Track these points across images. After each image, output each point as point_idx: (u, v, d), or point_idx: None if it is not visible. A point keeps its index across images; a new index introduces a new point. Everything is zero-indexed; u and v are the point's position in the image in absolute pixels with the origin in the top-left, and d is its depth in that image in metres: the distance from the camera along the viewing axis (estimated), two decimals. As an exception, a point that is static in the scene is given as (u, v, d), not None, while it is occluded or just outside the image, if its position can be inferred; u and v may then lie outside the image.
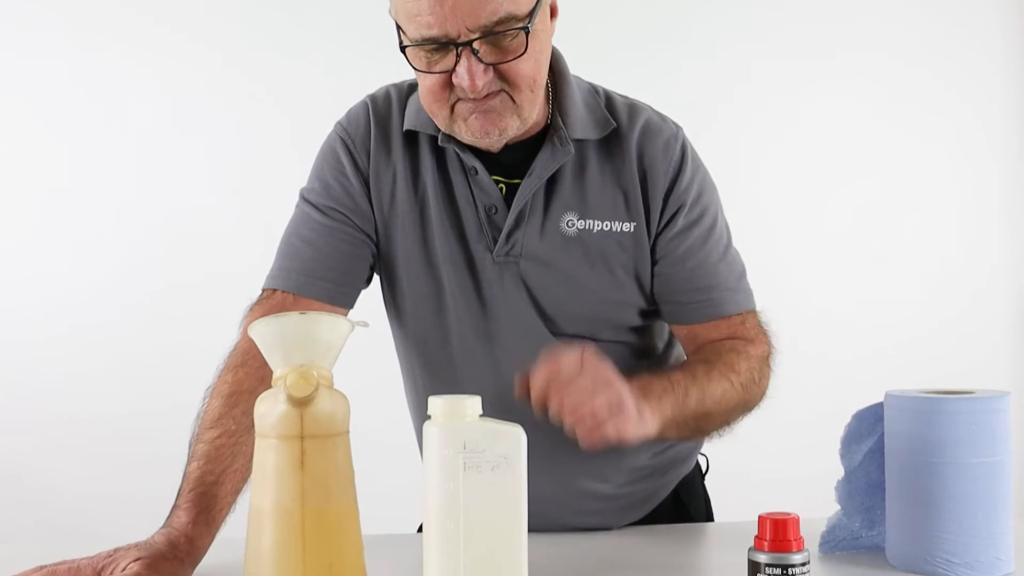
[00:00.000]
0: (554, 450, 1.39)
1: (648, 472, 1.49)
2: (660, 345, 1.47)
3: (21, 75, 3.06)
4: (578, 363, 1.08)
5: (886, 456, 1.23)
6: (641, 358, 1.46)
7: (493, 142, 1.31)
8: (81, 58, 3.08)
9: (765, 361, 1.35)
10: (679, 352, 1.49)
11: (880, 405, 1.25)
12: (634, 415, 1.11)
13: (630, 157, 1.36)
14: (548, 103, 1.37)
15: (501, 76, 1.25)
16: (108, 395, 3.04)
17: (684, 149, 1.38)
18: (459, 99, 1.27)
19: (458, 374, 1.40)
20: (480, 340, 1.39)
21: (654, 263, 1.37)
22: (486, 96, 1.26)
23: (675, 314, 1.39)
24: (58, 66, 3.07)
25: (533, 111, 1.31)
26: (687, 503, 1.56)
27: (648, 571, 1.23)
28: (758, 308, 1.41)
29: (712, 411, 1.27)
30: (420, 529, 1.52)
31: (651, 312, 1.42)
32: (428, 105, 1.29)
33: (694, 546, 1.39)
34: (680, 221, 1.36)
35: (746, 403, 1.31)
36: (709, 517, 1.60)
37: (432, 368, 1.43)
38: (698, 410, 1.24)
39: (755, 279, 1.43)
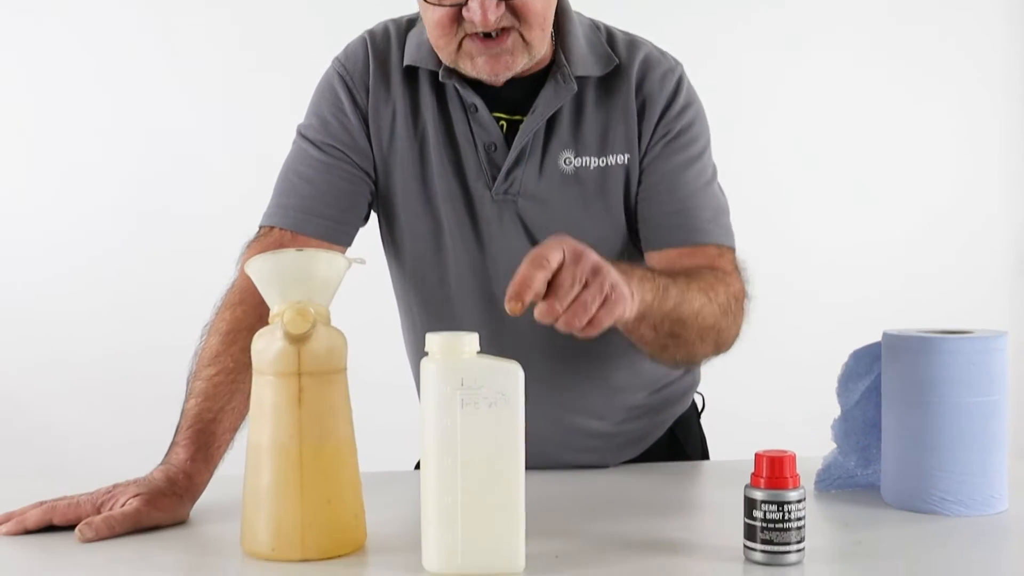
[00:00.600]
0: (551, 388, 1.41)
1: (644, 411, 1.49)
2: None
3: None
4: (560, 256, 1.04)
5: (883, 395, 1.23)
6: None
7: (500, 79, 1.30)
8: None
9: (740, 301, 1.31)
10: None
11: (878, 344, 1.24)
12: (627, 296, 1.07)
13: (628, 91, 1.35)
14: (552, 40, 1.36)
15: (513, 12, 1.24)
16: (103, 333, 3.03)
17: (681, 81, 1.37)
18: (467, 35, 1.26)
19: (455, 312, 1.40)
20: (477, 278, 1.39)
21: (637, 185, 1.37)
22: (499, 38, 1.25)
23: (651, 238, 1.36)
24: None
25: (542, 48, 1.30)
26: (683, 442, 1.56)
27: (644, 507, 1.23)
28: (737, 250, 1.38)
29: (688, 320, 1.22)
30: (418, 466, 1.52)
31: None
32: (435, 39, 1.28)
33: (690, 483, 1.40)
34: (666, 144, 1.35)
35: (719, 331, 1.27)
36: (705, 456, 1.60)
37: (429, 306, 1.43)
38: (675, 312, 1.20)
39: (753, 219, 1.41)
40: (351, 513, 1.05)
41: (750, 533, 0.99)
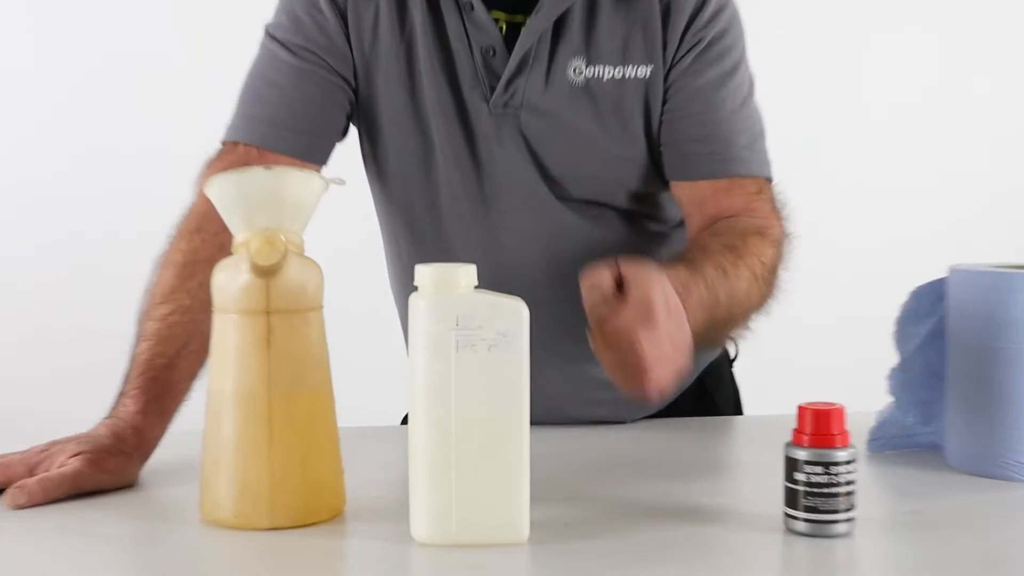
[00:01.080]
0: (559, 331, 1.40)
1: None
2: (680, 218, 1.46)
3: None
4: (612, 286, 1.04)
5: (948, 340, 1.22)
6: (660, 232, 1.46)
7: None
8: None
9: (782, 260, 1.33)
10: None
11: (942, 281, 1.24)
12: (678, 360, 1.07)
13: None
14: None
15: None
16: (37, 260, 3.03)
17: None
18: None
19: (448, 243, 1.41)
20: (474, 204, 1.39)
21: (663, 104, 1.36)
22: None
23: (678, 166, 1.37)
24: None
25: None
26: (712, 393, 1.57)
27: (667, 469, 1.24)
28: (775, 182, 1.39)
29: (735, 315, 1.25)
30: (405, 421, 1.53)
31: None
32: None
33: (720, 441, 1.41)
34: (696, 57, 1.35)
35: (763, 303, 1.30)
36: (738, 410, 1.62)
37: (418, 235, 1.43)
38: (723, 316, 1.22)
39: (802, 147, 1.41)
40: (328, 474, 1.06)
41: (791, 499, 0.99)
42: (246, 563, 0.97)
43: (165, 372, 1.20)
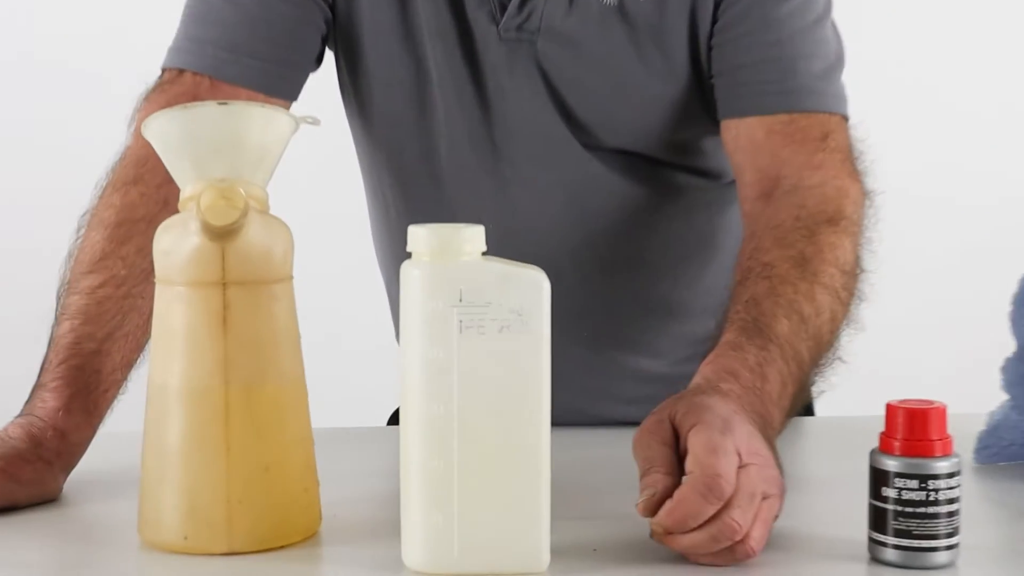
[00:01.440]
0: (585, 313, 1.44)
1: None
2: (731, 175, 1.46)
3: None
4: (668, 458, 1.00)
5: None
6: (706, 189, 1.47)
7: None
8: None
9: (861, 238, 1.30)
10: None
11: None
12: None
13: None
14: None
15: None
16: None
17: None
18: None
19: (448, 200, 1.42)
20: (480, 152, 1.40)
21: (712, 24, 1.35)
22: None
23: (731, 100, 1.36)
24: None
25: None
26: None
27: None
28: (851, 121, 1.38)
29: (823, 362, 1.23)
30: (394, 420, 1.55)
31: None
32: None
33: (788, 448, 1.36)
34: None
35: (849, 321, 1.27)
36: (807, 410, 1.60)
37: (410, 189, 1.44)
38: (809, 372, 1.20)
39: (886, 87, 1.40)
40: (298, 486, 1.06)
41: (878, 521, 0.99)
42: None
43: (94, 359, 1.20)
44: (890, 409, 0.99)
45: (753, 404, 1.07)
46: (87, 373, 1.20)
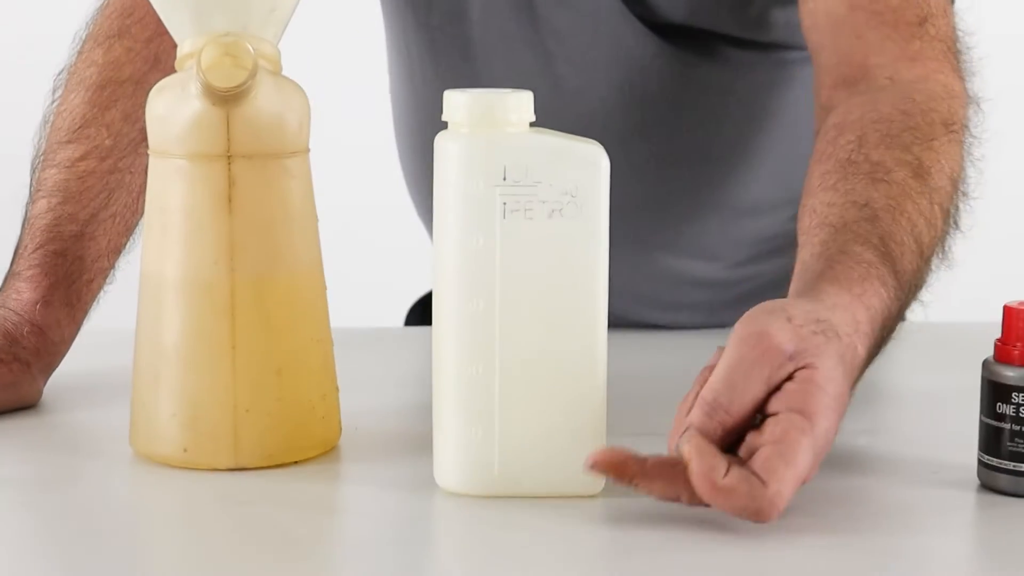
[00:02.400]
0: (635, 209, 1.44)
1: (782, 243, 1.46)
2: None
3: None
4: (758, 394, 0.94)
5: None
6: (779, 65, 1.45)
7: None
8: None
9: (969, 147, 1.24)
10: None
11: None
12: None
13: None
14: None
15: None
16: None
17: None
18: None
19: (478, 73, 1.42)
20: (519, 19, 1.39)
21: None
22: None
23: None
24: None
25: None
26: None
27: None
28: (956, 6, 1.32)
29: (920, 288, 1.16)
30: (421, 317, 1.61)
31: None
32: None
33: (884, 359, 1.36)
34: None
35: (948, 242, 1.21)
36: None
37: (439, 55, 1.43)
38: (908, 302, 1.13)
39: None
40: (315, 392, 1.04)
41: (991, 442, 0.96)
42: (200, 516, 0.96)
43: (76, 244, 1.20)
44: (1009, 312, 0.96)
45: (859, 367, 1.00)
46: (68, 260, 1.19)
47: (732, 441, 0.90)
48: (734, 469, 0.86)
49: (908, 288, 1.07)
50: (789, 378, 0.90)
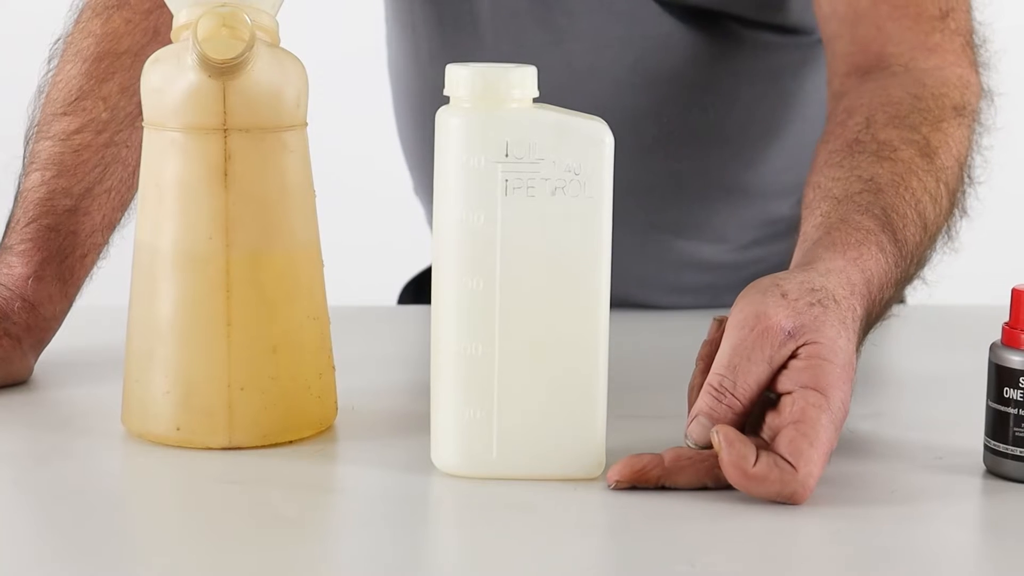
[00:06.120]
0: (644, 190, 1.46)
1: (789, 225, 1.46)
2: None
3: None
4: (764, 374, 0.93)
5: None
6: (794, 55, 1.46)
7: None
8: None
9: (979, 136, 1.26)
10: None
11: None
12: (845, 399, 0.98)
13: None
14: None
15: None
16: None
17: None
18: None
19: (487, 49, 1.43)
20: None
21: None
22: None
23: None
24: None
25: None
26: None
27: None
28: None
29: (924, 267, 1.19)
30: (417, 295, 1.61)
31: None
32: None
33: (889, 341, 1.36)
34: None
35: (953, 226, 1.23)
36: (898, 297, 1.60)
37: (447, 30, 1.44)
38: (912, 274, 1.15)
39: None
40: (311, 370, 1.05)
41: (998, 427, 0.97)
42: (193, 495, 0.96)
43: (70, 219, 1.20)
44: (1017, 295, 0.96)
45: (862, 328, 1.01)
46: (62, 235, 1.20)
47: (746, 420, 0.93)
48: (763, 456, 0.88)
49: (910, 259, 1.08)
50: (794, 355, 0.92)
